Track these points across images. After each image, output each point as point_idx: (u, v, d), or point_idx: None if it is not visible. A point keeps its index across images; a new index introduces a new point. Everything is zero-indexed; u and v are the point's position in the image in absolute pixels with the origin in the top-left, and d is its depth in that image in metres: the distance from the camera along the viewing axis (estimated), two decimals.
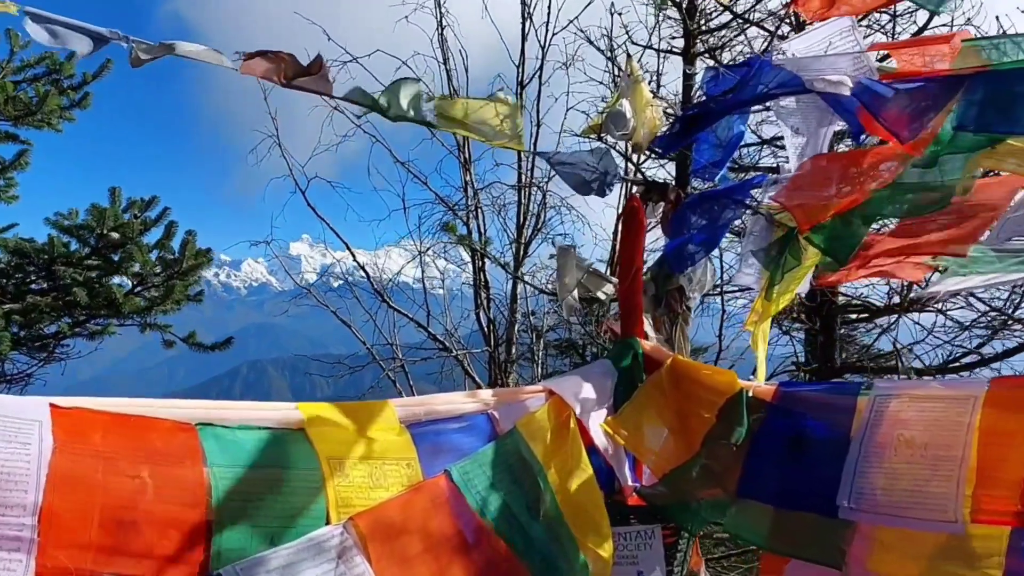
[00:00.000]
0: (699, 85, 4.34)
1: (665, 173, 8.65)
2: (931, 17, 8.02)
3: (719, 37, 8.40)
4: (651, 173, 8.45)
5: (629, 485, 3.20)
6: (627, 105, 3.84)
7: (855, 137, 3.78)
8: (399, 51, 9.71)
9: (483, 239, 7.83)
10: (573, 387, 3.09)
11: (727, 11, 7.97)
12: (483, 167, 10.19)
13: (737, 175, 7.79)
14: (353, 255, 10.39)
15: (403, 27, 10.08)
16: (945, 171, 3.07)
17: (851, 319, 9.77)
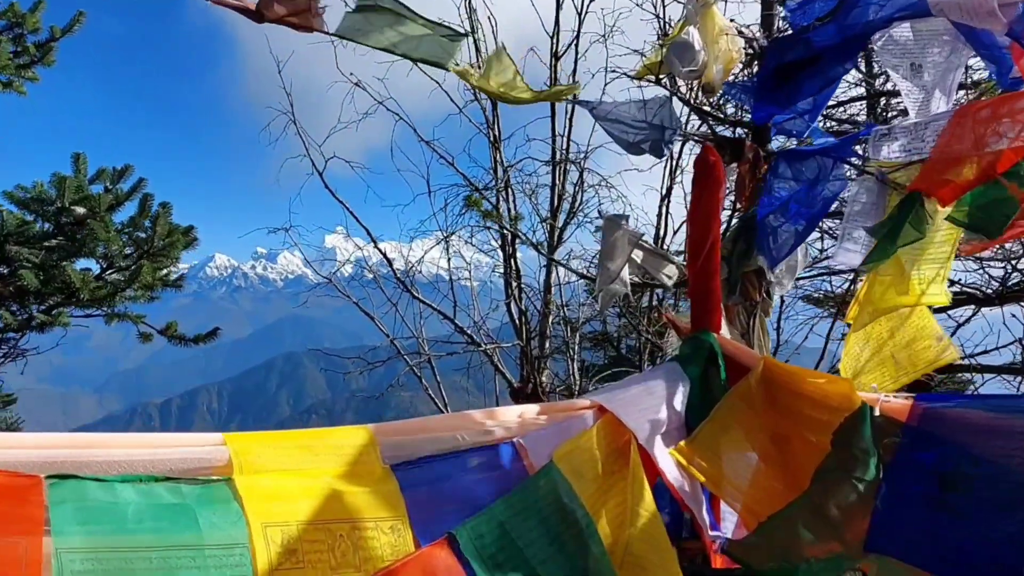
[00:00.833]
0: (783, 14, 3.49)
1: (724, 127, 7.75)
2: None
3: None
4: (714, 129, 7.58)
5: (710, 536, 2.35)
6: (695, 34, 2.98)
7: (1001, 80, 2.91)
8: None
9: (513, 216, 6.97)
10: (631, 401, 2.24)
11: None
12: (514, 146, 9.35)
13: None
14: (375, 242, 9.63)
15: None
16: None
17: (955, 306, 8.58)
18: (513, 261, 9.10)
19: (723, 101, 4.71)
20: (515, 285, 9.16)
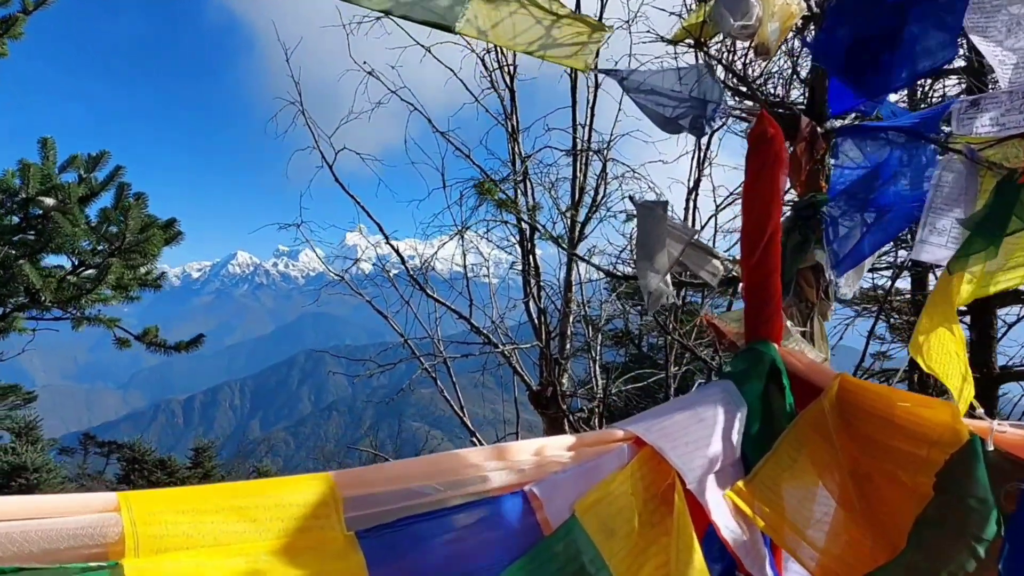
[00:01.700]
0: None
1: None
2: None
3: None
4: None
5: None
6: None
7: None
8: None
9: (531, 207, 6.47)
10: (676, 432, 1.77)
11: None
12: (533, 136, 8.88)
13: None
14: (387, 237, 9.18)
15: None
16: None
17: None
18: (532, 257, 8.61)
19: (766, 79, 4.26)
20: (534, 283, 8.68)
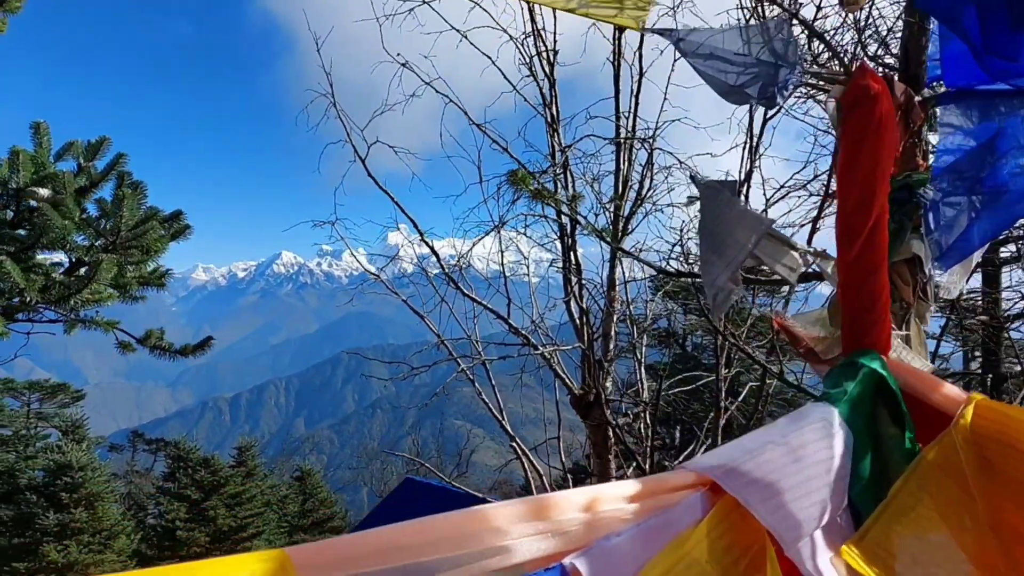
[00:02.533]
0: None
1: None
2: None
3: None
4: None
5: None
6: None
7: None
8: None
9: (572, 197, 6.02)
10: (764, 475, 1.34)
11: None
12: (574, 127, 8.44)
13: None
14: (421, 234, 8.82)
15: None
16: None
17: None
18: (573, 254, 8.17)
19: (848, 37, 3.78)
20: (575, 280, 8.24)
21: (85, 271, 4.13)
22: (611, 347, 8.38)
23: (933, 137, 2.67)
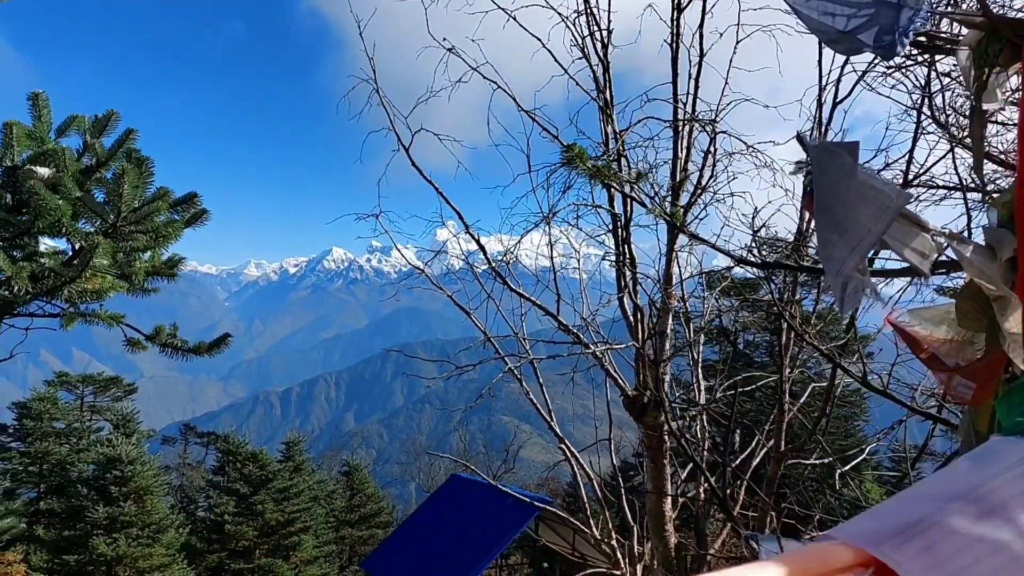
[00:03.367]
0: None
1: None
2: None
3: None
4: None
5: None
6: None
7: None
8: None
9: (635, 175, 5.55)
10: (952, 552, 0.91)
11: None
12: (629, 112, 7.96)
13: None
14: (467, 227, 8.44)
15: None
16: None
17: None
18: (627, 247, 7.71)
19: None
20: (630, 275, 7.78)
21: (79, 259, 3.75)
22: (667, 346, 7.90)
23: None
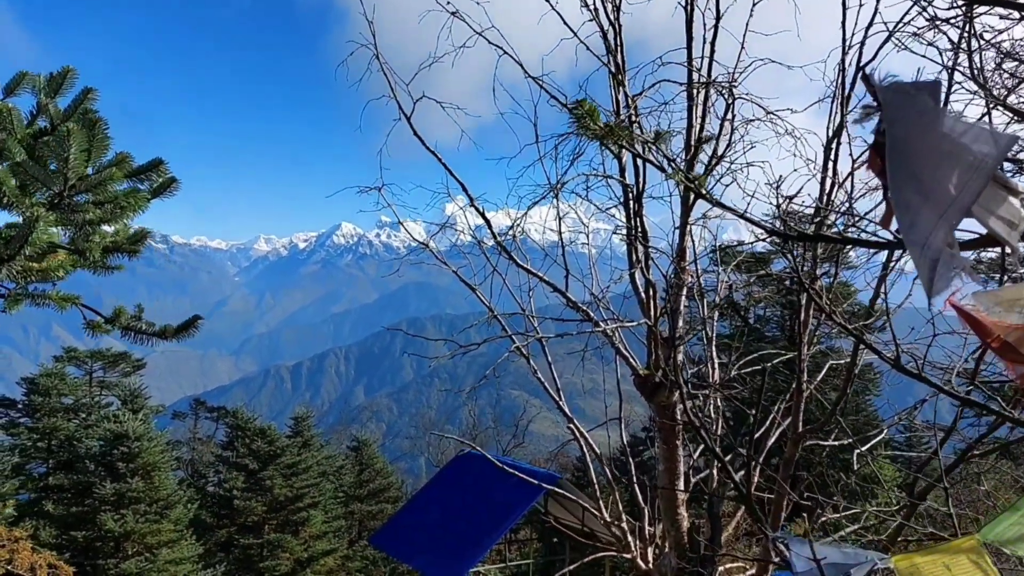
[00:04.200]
0: None
1: None
2: None
3: None
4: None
5: None
6: None
7: None
8: None
9: (656, 136, 5.20)
10: None
11: None
12: (642, 78, 7.55)
13: None
14: (471, 199, 8.12)
15: None
16: None
17: None
18: (639, 220, 7.36)
19: None
20: (642, 249, 7.44)
21: (18, 232, 3.31)
22: (679, 323, 7.59)
23: None
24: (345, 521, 31.37)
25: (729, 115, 6.75)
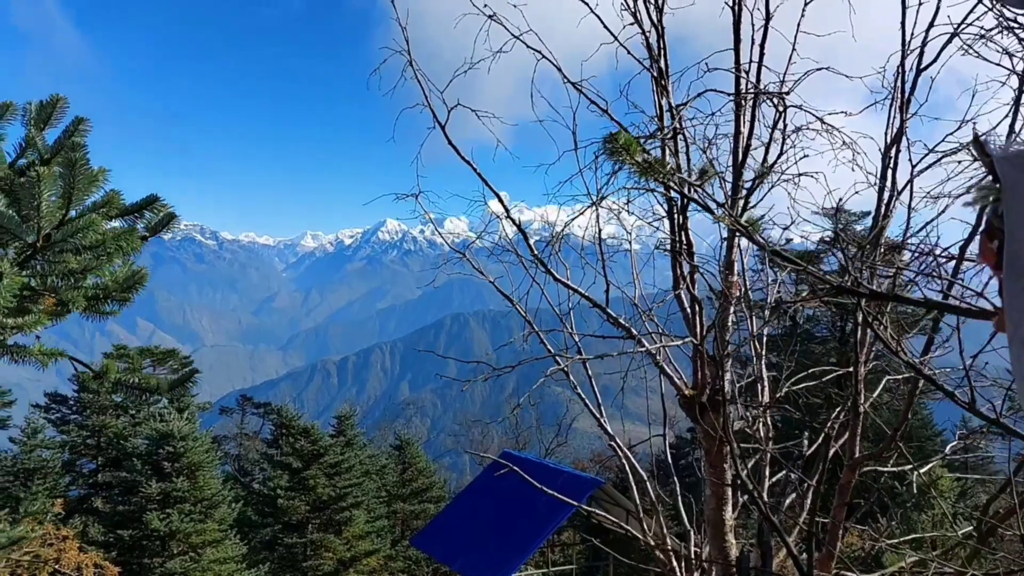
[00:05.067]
0: None
1: None
2: None
3: None
4: None
5: None
6: None
7: None
8: None
9: (702, 174, 4.83)
10: None
11: None
12: (687, 83, 7.15)
13: None
14: (506, 209, 7.83)
15: None
16: None
17: None
18: (684, 234, 6.98)
19: None
20: (687, 265, 7.07)
21: None
22: (727, 339, 7.19)
23: None
24: (388, 521, 31.39)
25: (781, 123, 6.34)
